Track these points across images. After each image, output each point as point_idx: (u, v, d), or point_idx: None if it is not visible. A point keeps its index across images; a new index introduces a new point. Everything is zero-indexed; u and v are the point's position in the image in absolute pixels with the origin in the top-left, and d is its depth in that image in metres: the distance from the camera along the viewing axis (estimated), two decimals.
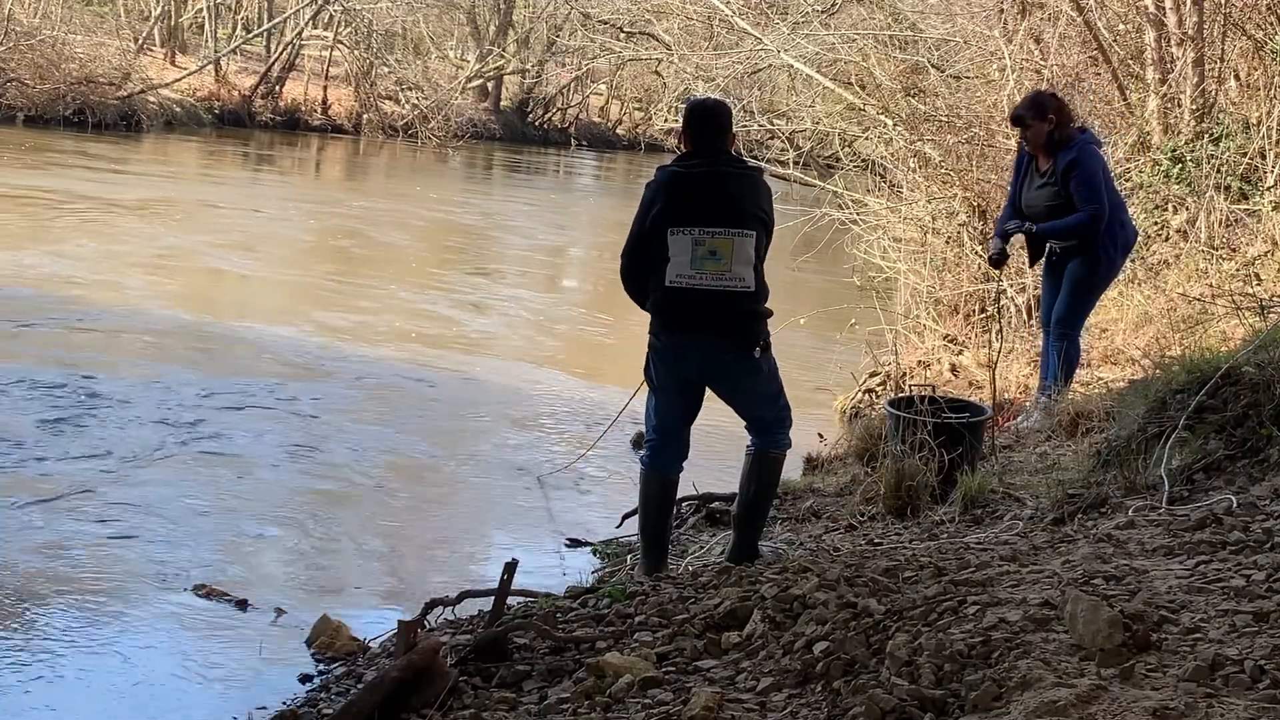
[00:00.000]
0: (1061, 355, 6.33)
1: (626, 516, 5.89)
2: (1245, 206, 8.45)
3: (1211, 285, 7.74)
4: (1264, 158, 8.58)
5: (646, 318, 4.61)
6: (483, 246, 17.08)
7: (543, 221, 20.66)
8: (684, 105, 4.80)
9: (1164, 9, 9.15)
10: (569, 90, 41.33)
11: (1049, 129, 6.18)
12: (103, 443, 6.48)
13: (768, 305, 4.50)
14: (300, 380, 8.28)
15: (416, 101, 32.94)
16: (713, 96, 7.34)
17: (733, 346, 4.41)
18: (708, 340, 4.41)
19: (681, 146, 4.56)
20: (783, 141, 14.50)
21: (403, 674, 3.47)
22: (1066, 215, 6.20)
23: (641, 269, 4.52)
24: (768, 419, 4.55)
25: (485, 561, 5.48)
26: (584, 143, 40.44)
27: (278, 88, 31.61)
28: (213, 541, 5.39)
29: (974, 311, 9.28)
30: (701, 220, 4.35)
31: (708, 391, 4.61)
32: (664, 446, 4.60)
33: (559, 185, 30.43)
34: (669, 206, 4.39)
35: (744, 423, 4.61)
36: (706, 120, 4.51)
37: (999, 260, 6.48)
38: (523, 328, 11.49)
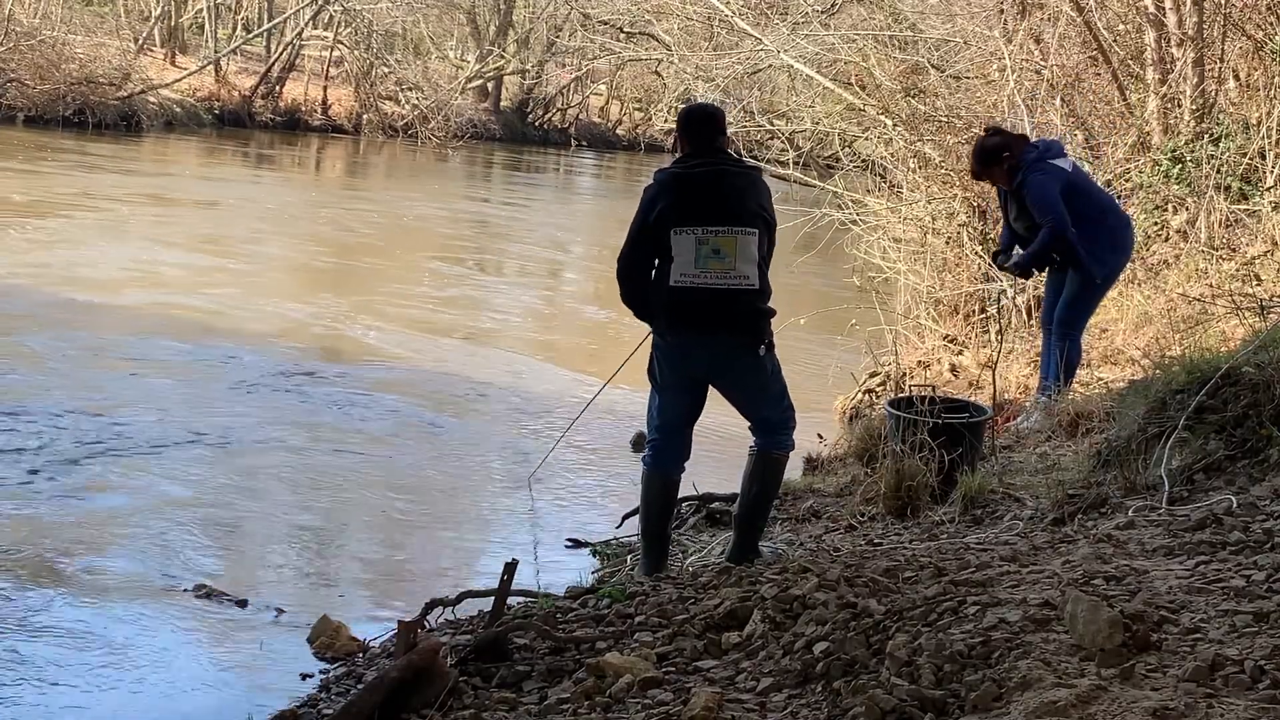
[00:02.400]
0: (1063, 356, 6.36)
1: (627, 517, 5.89)
2: (1245, 206, 8.44)
3: (1211, 285, 7.74)
4: (1264, 158, 8.57)
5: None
6: (484, 245, 17.08)
7: (544, 221, 20.65)
8: (679, 111, 4.81)
9: (1164, 9, 9.15)
10: (569, 90, 41.33)
11: (1008, 168, 6.28)
12: (100, 441, 6.48)
13: (770, 305, 4.50)
14: (301, 380, 8.28)
15: (416, 102, 32.95)
16: (707, 101, 7.34)
17: (739, 345, 4.41)
18: (715, 339, 4.41)
19: (679, 150, 4.57)
20: (783, 141, 14.49)
21: (403, 674, 3.47)
22: (1034, 230, 6.36)
23: (640, 271, 4.52)
24: (773, 420, 4.55)
25: (485, 562, 5.48)
26: (584, 143, 40.44)
27: (278, 88, 31.62)
28: (213, 541, 5.39)
29: (974, 311, 9.28)
30: (704, 219, 4.35)
31: (710, 392, 4.61)
32: (666, 446, 4.60)
33: (559, 185, 30.44)
34: (671, 207, 4.39)
35: (748, 423, 4.61)
36: (702, 121, 4.53)
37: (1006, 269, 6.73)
38: (524, 326, 11.49)
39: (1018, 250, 6.52)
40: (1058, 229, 6.21)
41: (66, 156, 19.99)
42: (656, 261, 4.48)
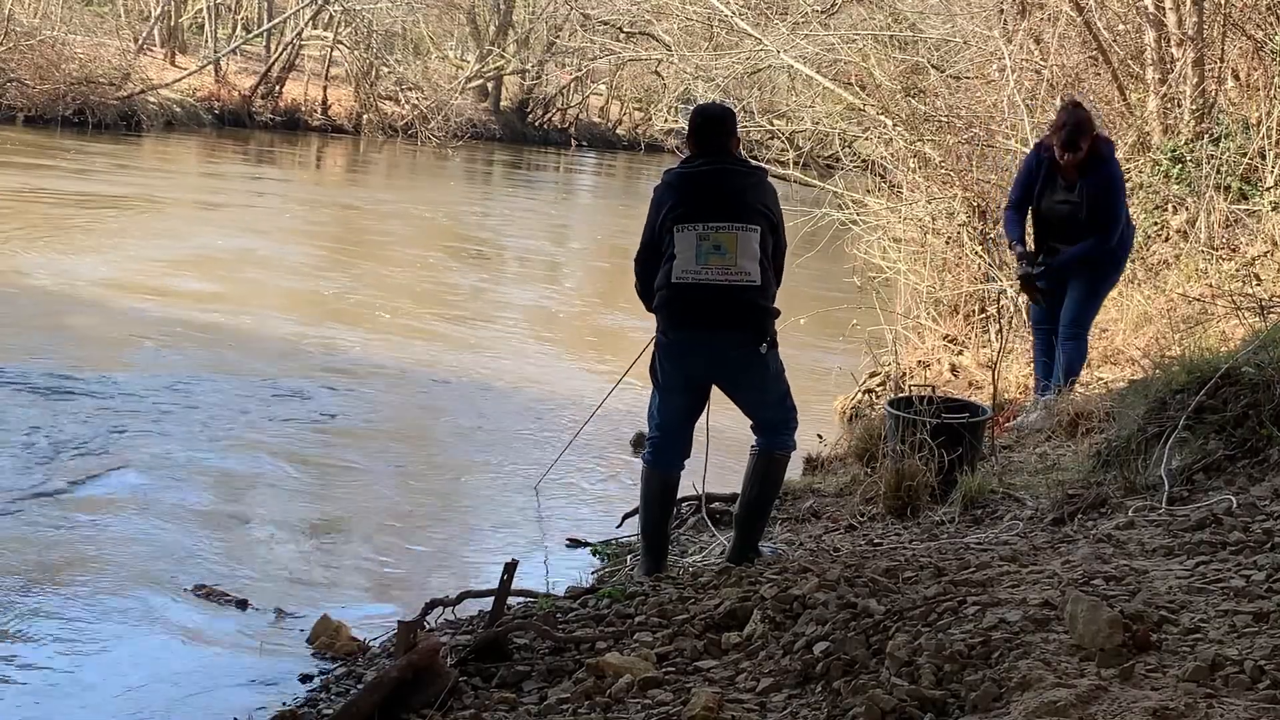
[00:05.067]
0: (1077, 355, 6.34)
1: (627, 516, 5.89)
2: (1245, 206, 8.45)
3: (1211, 285, 7.74)
4: (1264, 158, 8.58)
5: (650, 315, 4.61)
6: (487, 244, 17.09)
7: (546, 219, 20.66)
8: (688, 110, 4.82)
9: (1164, 9, 9.15)
10: (569, 90, 41.36)
11: (1088, 147, 6.17)
12: (101, 441, 6.48)
13: (775, 304, 4.51)
14: (302, 380, 8.28)
15: (416, 101, 32.96)
16: (716, 101, 7.31)
17: (740, 342, 4.41)
18: (715, 336, 4.42)
19: (687, 151, 4.60)
20: (783, 141, 14.51)
21: (403, 674, 3.47)
22: (1083, 227, 6.21)
23: (655, 274, 4.53)
24: (774, 419, 4.55)
25: (485, 562, 5.48)
26: (584, 143, 40.47)
27: (278, 88, 31.63)
28: (213, 541, 5.39)
29: (974, 311, 9.28)
30: (706, 216, 4.37)
31: (712, 392, 4.61)
32: (666, 446, 4.59)
33: (560, 185, 30.45)
34: (676, 205, 4.42)
35: (750, 423, 4.61)
36: (710, 123, 4.55)
37: (1030, 281, 6.47)
38: (524, 325, 11.49)
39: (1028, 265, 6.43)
40: (1107, 242, 6.17)
41: (78, 157, 20.00)
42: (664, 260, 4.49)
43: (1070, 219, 6.26)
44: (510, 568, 4.07)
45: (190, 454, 6.50)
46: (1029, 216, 6.49)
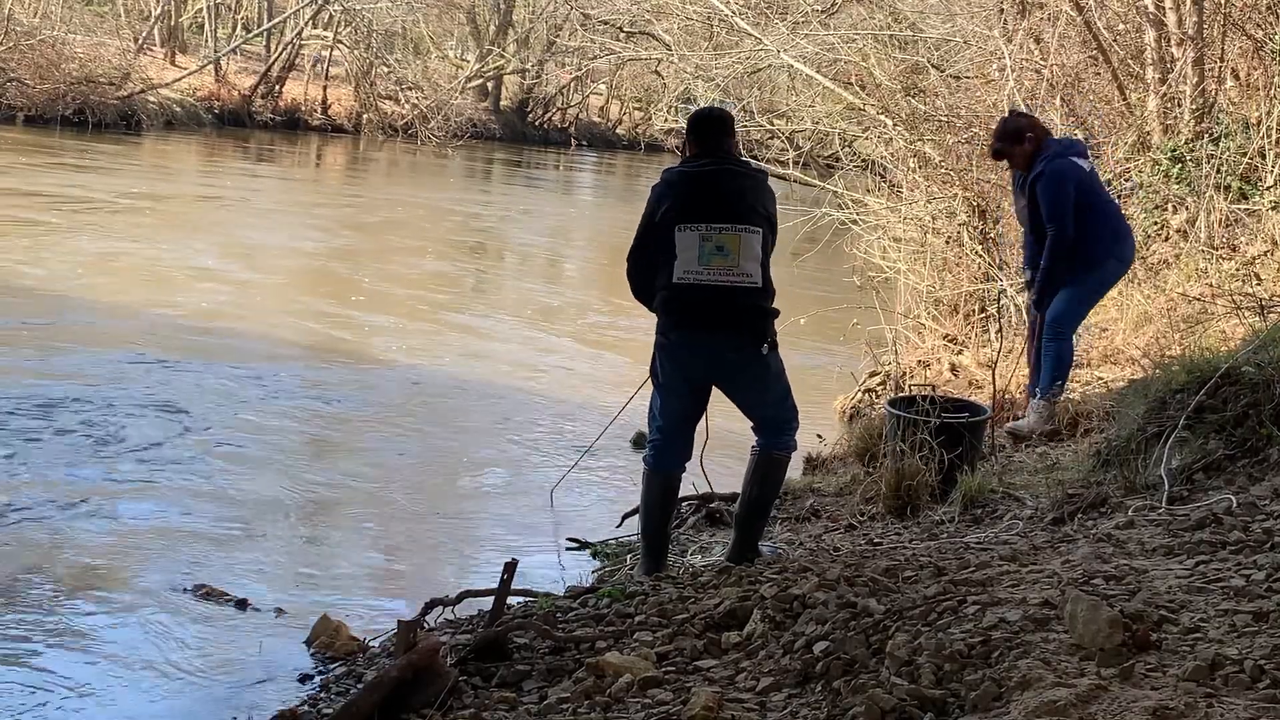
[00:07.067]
0: (1059, 358, 6.28)
1: (626, 516, 5.89)
2: (1245, 206, 8.44)
3: (1211, 285, 7.74)
4: (1264, 157, 8.57)
5: (651, 315, 4.61)
6: (488, 244, 17.08)
7: (545, 219, 20.65)
8: (688, 110, 4.84)
9: (1164, 9, 9.15)
10: (569, 90, 41.39)
11: (1030, 149, 6.20)
12: (101, 441, 6.48)
13: (774, 305, 4.51)
14: (302, 379, 8.28)
15: (416, 101, 32.98)
16: (708, 101, 7.34)
17: (741, 344, 4.41)
18: (717, 337, 4.42)
19: (686, 151, 4.61)
20: (783, 141, 14.50)
21: (403, 674, 3.47)
22: (1038, 227, 6.21)
23: (647, 269, 4.55)
24: (775, 419, 4.55)
25: (485, 561, 5.48)
26: (584, 143, 40.51)
27: (278, 88, 31.64)
28: (213, 541, 5.39)
29: (974, 311, 9.28)
30: (709, 217, 4.38)
31: (712, 392, 4.61)
32: (667, 447, 4.59)
33: (560, 184, 30.45)
34: (677, 204, 4.42)
35: (750, 423, 4.61)
36: (710, 123, 4.58)
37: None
38: (525, 325, 11.49)
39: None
40: (1059, 238, 6.06)
41: (94, 157, 20.01)
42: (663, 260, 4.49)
43: (1032, 220, 6.28)
44: (510, 567, 4.08)
45: (187, 454, 6.50)
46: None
